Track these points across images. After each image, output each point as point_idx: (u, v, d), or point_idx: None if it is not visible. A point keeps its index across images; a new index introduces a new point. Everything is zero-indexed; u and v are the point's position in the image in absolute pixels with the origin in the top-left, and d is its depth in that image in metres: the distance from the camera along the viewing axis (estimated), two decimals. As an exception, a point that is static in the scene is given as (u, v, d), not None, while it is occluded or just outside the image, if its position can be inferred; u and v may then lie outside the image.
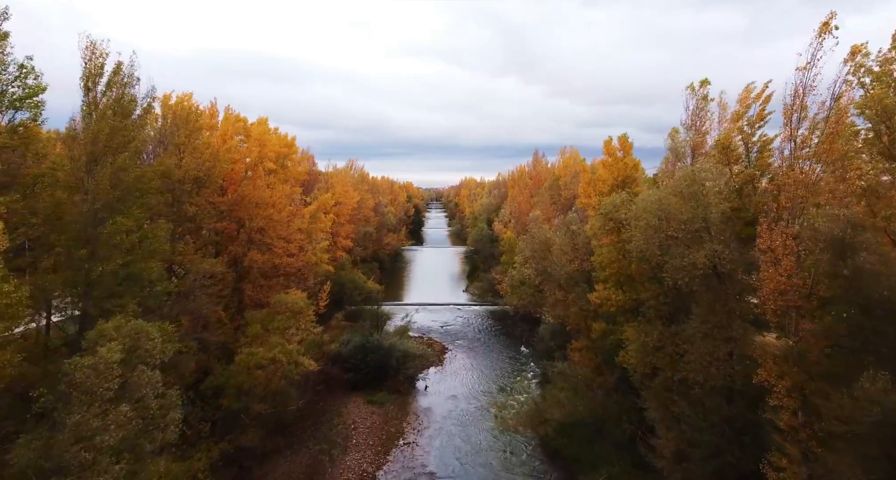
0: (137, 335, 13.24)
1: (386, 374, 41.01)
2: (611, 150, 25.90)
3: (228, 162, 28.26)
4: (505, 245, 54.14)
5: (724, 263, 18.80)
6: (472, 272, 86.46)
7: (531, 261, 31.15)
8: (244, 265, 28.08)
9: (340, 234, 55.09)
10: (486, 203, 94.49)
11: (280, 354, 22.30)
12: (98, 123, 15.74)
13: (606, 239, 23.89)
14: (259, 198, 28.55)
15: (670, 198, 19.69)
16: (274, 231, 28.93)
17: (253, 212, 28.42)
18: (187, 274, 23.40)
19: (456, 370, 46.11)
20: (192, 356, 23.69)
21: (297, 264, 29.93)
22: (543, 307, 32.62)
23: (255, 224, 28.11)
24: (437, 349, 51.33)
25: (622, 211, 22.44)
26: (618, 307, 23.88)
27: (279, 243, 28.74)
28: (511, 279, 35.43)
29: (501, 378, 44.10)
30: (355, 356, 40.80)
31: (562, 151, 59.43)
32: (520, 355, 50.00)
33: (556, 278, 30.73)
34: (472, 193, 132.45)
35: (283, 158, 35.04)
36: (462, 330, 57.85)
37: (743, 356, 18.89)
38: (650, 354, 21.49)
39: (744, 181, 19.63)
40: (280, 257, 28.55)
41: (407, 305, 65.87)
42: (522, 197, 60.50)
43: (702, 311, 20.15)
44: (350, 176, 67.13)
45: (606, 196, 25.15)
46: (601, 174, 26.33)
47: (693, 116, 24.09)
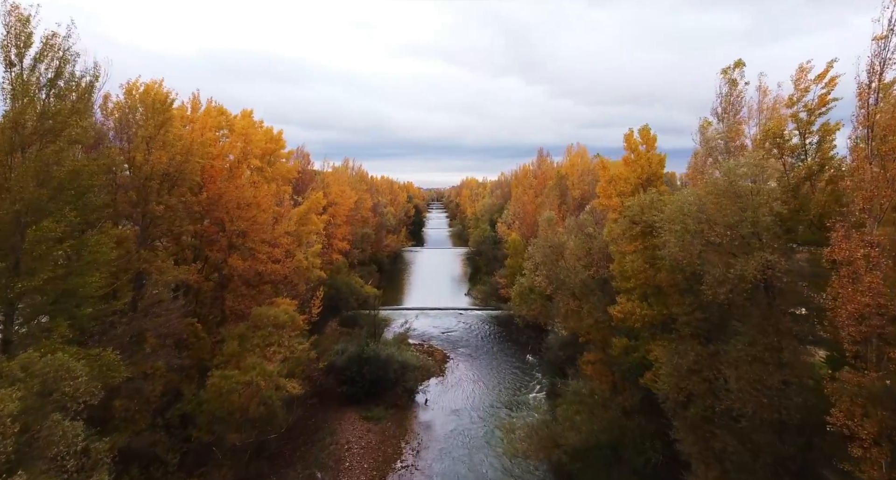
0: (56, 374, 10.20)
1: (383, 387, 37.92)
2: (632, 144, 22.76)
3: (206, 157, 25.22)
4: (509, 248, 51.04)
5: (778, 275, 15.72)
6: (474, 275, 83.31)
7: (542, 267, 28.03)
8: (223, 273, 25.04)
9: (336, 236, 52.00)
10: (489, 204, 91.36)
11: (258, 377, 19.25)
12: (23, 105, 12.70)
13: (631, 245, 20.80)
14: (241, 198, 25.48)
15: (711, 198, 16.60)
16: (257, 235, 25.87)
17: (234, 213, 25.36)
18: (153, 285, 20.34)
19: (458, 381, 43.00)
20: (159, 377, 20.64)
21: (284, 271, 26.85)
22: (555, 318, 29.47)
23: (237, 227, 25.06)
24: (438, 358, 48.23)
25: (651, 213, 19.35)
26: (643, 323, 20.80)
27: (263, 248, 25.69)
28: (519, 287, 32.30)
29: (507, 391, 40.98)
30: (350, 368, 37.71)
31: (568, 148, 56.31)
32: (526, 364, 46.86)
33: (570, 287, 27.61)
34: (473, 193, 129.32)
35: (269, 154, 31.95)
36: (464, 337, 54.73)
37: (802, 386, 15.81)
38: (685, 378, 18.39)
39: (801, 177, 16.53)
40: (264, 263, 25.50)
41: (406, 309, 62.77)
42: (527, 197, 57.37)
43: (748, 330, 17.06)
44: (347, 175, 64.01)
45: (629, 197, 22.06)
46: (622, 172, 23.23)
47: (726, 104, 20.95)
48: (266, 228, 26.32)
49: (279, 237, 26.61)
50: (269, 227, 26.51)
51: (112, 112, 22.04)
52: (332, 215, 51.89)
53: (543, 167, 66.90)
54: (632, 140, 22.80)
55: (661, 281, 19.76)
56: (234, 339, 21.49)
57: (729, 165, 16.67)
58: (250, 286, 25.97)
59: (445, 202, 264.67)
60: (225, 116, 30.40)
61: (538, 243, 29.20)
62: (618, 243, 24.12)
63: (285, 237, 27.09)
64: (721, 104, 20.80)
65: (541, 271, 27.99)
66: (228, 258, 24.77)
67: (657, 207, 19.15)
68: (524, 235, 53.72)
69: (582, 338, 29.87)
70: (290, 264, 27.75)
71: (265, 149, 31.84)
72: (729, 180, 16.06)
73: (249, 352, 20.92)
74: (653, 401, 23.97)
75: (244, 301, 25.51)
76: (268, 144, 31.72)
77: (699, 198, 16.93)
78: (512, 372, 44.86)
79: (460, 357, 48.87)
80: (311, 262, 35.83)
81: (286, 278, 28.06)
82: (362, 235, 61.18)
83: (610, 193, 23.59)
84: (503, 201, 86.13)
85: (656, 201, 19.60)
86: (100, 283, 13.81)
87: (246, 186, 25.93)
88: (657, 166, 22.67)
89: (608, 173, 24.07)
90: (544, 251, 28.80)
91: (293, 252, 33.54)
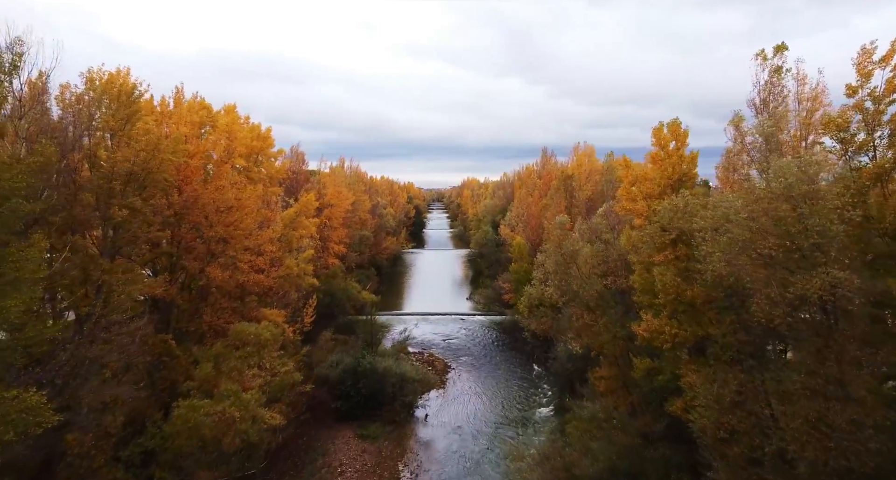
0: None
1: (380, 402, 35.21)
2: (662, 140, 19.91)
3: (182, 155, 22.51)
4: (514, 252, 48.26)
5: (848, 295, 12.99)
6: (476, 278, 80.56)
7: (553, 277, 25.29)
8: (200, 284, 22.34)
9: (332, 239, 49.27)
10: (490, 205, 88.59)
11: (232, 407, 16.54)
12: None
13: (659, 255, 18.05)
14: (221, 201, 22.76)
15: (763, 203, 13.86)
16: (239, 242, 23.15)
17: (213, 218, 22.65)
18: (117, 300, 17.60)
19: (460, 394, 40.25)
20: (121, 406, 17.91)
21: (269, 281, 24.11)
22: (567, 333, 26.70)
23: (216, 233, 22.34)
24: (439, 368, 45.46)
25: (684, 220, 16.59)
26: (673, 343, 18.04)
27: (245, 257, 22.97)
28: (528, 298, 29.52)
29: (512, 405, 38.21)
30: (345, 382, 34.99)
31: (575, 147, 53.53)
32: (531, 375, 44.10)
33: (584, 299, 24.86)
34: (474, 193, 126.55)
35: (256, 153, 29.24)
36: (466, 345, 51.96)
37: (878, 428, 13.08)
38: (727, 412, 15.65)
39: (871, 178, 13.80)
40: (246, 273, 22.79)
41: (406, 315, 60.03)
42: (532, 199, 54.61)
43: (806, 359, 14.35)
44: (343, 175, 61.21)
45: (656, 200, 19.32)
46: (649, 172, 20.40)
47: (765, 94, 18.16)
48: (250, 234, 23.60)
49: (263, 245, 23.86)
50: (253, 233, 23.78)
51: (70, 104, 19.31)
52: (328, 217, 49.17)
53: (548, 167, 64.21)
54: (661, 135, 19.96)
55: (696, 297, 17.02)
56: (208, 360, 18.78)
57: (783, 163, 13.92)
58: (231, 299, 23.25)
59: (446, 203, 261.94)
60: (207, 110, 27.68)
61: (549, 250, 26.44)
62: (638, 252, 21.35)
63: (270, 244, 24.33)
64: (759, 94, 18.03)
65: (552, 280, 25.26)
66: (206, 268, 22.05)
67: (692, 212, 16.39)
68: (529, 238, 50.98)
69: (595, 352, 27.15)
70: (277, 274, 25.01)
71: (251, 147, 29.12)
72: (787, 182, 13.31)
73: (225, 376, 18.20)
74: (679, 427, 21.22)
75: (225, 315, 22.80)
76: (254, 143, 28.99)
77: (748, 202, 14.19)
78: (517, 384, 42.10)
79: (462, 367, 46.13)
80: (302, 268, 33.11)
81: (271, 290, 25.32)
82: (360, 237, 58.45)
83: (634, 195, 20.80)
84: (505, 202, 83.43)
85: (691, 205, 16.84)
86: (23, 306, 11.12)
87: (227, 187, 23.20)
88: (689, 165, 19.84)
89: (631, 174, 21.28)
90: (556, 259, 26.03)
91: (281, 259, 30.83)
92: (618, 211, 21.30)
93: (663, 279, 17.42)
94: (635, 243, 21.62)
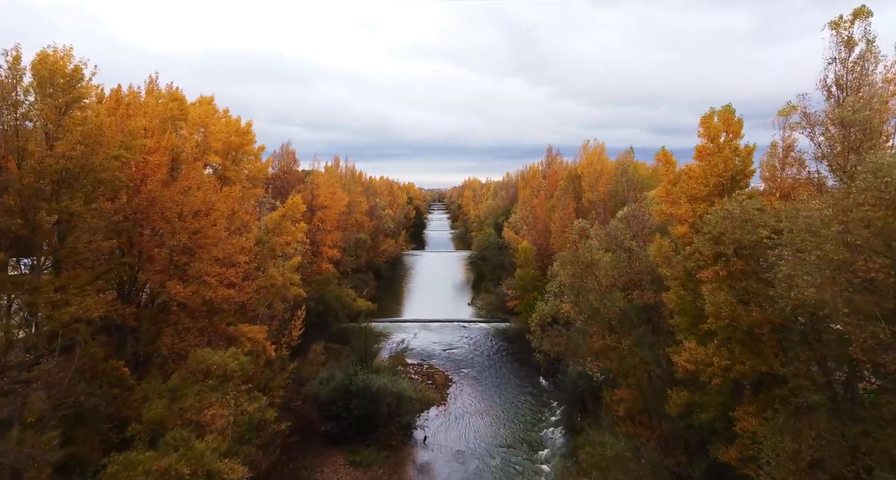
0: None
1: (374, 424, 31.71)
2: (711, 130, 16.22)
3: (140, 151, 19.05)
4: (520, 257, 44.73)
5: None
6: (478, 282, 77.05)
7: (569, 291, 21.82)
8: (160, 301, 18.89)
9: (326, 243, 45.77)
10: (493, 206, 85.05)
11: (181, 462, 13.08)
12: None
13: (707, 272, 14.56)
14: (186, 204, 19.28)
15: (864, 211, 10.39)
16: (207, 252, 19.68)
17: (177, 224, 19.17)
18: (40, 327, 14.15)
19: (462, 412, 36.73)
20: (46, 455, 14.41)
21: (241, 297, 20.63)
22: (586, 356, 23.16)
23: (178, 242, 18.87)
24: (440, 382, 41.96)
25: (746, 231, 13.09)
26: (724, 377, 14.55)
27: (214, 269, 19.50)
28: (540, 315, 25.99)
29: (518, 425, 34.68)
30: (335, 402, 31.47)
31: (584, 146, 49.98)
32: (538, 389, 40.56)
33: (605, 316, 21.36)
34: (476, 194, 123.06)
35: (235, 150, 25.78)
36: (468, 355, 48.41)
37: None
38: (806, 474, 12.17)
39: None
40: (214, 288, 19.33)
41: (405, 322, 56.51)
42: (537, 200, 51.07)
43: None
44: (338, 175, 57.62)
45: (702, 202, 15.84)
46: (694, 169, 16.79)
47: (842, 72, 14.51)
48: (219, 242, 20.12)
49: (235, 255, 20.36)
50: (223, 241, 20.30)
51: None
52: (321, 219, 45.68)
53: (554, 167, 60.70)
54: (710, 124, 16.30)
55: (757, 324, 13.54)
56: (161, 396, 15.35)
57: (889, 158, 10.45)
58: (196, 318, 19.76)
59: (447, 203, 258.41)
60: (178, 102, 24.22)
61: (564, 259, 22.95)
62: (672, 266, 17.86)
63: (244, 254, 20.81)
64: (834, 73, 14.45)
65: (568, 295, 21.80)
66: (167, 282, 18.58)
67: (755, 220, 12.91)
68: (535, 242, 47.44)
69: (616, 376, 23.64)
70: (252, 287, 21.52)
71: (229, 143, 25.63)
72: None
73: (178, 416, 14.76)
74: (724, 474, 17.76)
75: (190, 337, 19.32)
76: (232, 138, 25.51)
77: (841, 210, 10.69)
78: (523, 400, 38.57)
79: (464, 380, 42.61)
80: (287, 278, 29.63)
81: (244, 306, 21.84)
82: (356, 240, 54.95)
83: (676, 197, 17.19)
84: (508, 202, 79.97)
85: (749, 212, 13.33)
86: None
87: (193, 188, 19.72)
88: (744, 161, 16.22)
89: (672, 172, 17.71)
90: (573, 270, 22.51)
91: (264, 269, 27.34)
92: (655, 215, 17.79)
93: (715, 301, 13.91)
94: (666, 253, 18.13)
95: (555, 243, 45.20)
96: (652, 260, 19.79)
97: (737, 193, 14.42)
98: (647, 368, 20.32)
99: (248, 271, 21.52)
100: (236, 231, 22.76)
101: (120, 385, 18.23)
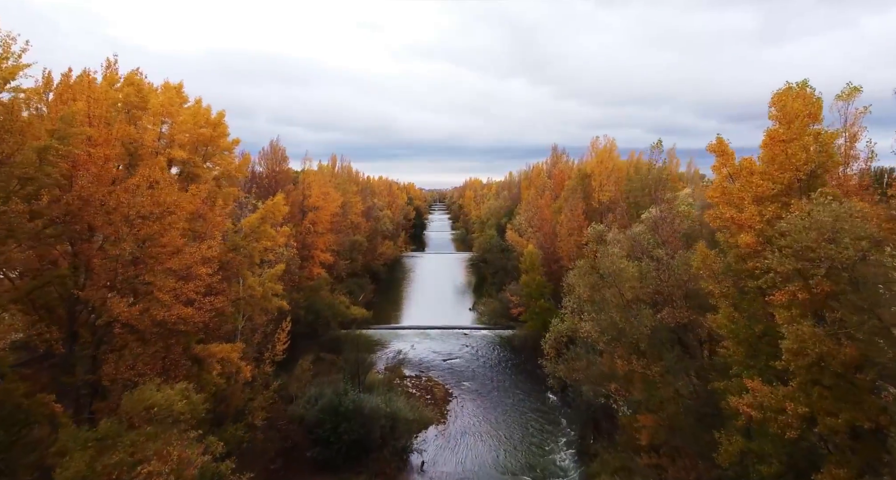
0: None
1: (366, 448, 28.34)
2: (788, 112, 12.43)
3: (79, 142, 15.72)
4: (526, 262, 41.28)
5: None
6: (480, 285, 73.64)
7: (589, 307, 18.45)
8: (99, 322, 15.55)
9: (318, 246, 42.39)
10: (495, 206, 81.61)
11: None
12: None
13: (780, 294, 11.18)
14: (133, 206, 15.93)
15: None
16: (160, 263, 16.34)
17: (123, 230, 15.83)
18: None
19: (463, 432, 33.30)
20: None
21: (201, 316, 17.24)
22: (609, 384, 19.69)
23: (123, 251, 15.54)
24: (439, 397, 38.55)
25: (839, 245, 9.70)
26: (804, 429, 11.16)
27: (168, 283, 16.17)
28: (556, 334, 22.56)
29: (525, 448, 31.20)
30: (323, 425, 28.09)
31: (593, 143, 46.52)
32: (546, 406, 37.11)
33: (632, 337, 17.97)
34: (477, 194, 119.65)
35: (206, 144, 22.44)
36: (470, 366, 44.96)
37: None
38: None
39: None
40: (169, 306, 16.00)
41: (403, 328, 53.05)
42: (543, 201, 47.65)
43: None
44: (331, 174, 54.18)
45: (772, 205, 12.45)
46: (758, 165, 13.27)
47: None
48: (177, 252, 16.74)
49: (195, 266, 16.99)
50: (185, 251, 16.91)
51: None
52: (313, 221, 42.32)
53: (559, 166, 57.31)
54: (787, 103, 12.68)
55: (855, 365, 10.17)
56: (83, 449, 12.06)
57: None
58: (147, 342, 16.41)
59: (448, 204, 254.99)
60: (135, 87, 20.86)
61: (582, 269, 19.56)
62: (718, 281, 14.48)
63: (204, 266, 17.43)
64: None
65: (588, 312, 18.44)
66: (108, 300, 15.24)
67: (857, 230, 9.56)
68: (541, 245, 44.03)
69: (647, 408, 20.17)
70: (217, 304, 18.13)
71: (198, 136, 22.25)
72: None
73: (105, 478, 11.45)
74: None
75: (139, 365, 15.98)
76: (201, 130, 22.13)
77: None
78: (529, 418, 35.12)
79: (465, 395, 39.19)
80: (268, 288, 26.32)
81: (207, 326, 18.47)
82: (351, 243, 51.56)
83: (739, 198, 13.57)
84: (511, 203, 76.59)
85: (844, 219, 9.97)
86: None
87: (143, 187, 16.36)
88: (827, 150, 12.68)
89: (730, 165, 14.11)
90: (591, 280, 19.11)
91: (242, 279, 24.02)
92: (710, 222, 14.37)
93: (798, 334, 10.53)
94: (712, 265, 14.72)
95: (562, 247, 41.83)
96: (693, 272, 16.38)
97: (818, 192, 11.06)
98: (682, 401, 16.94)
99: (212, 285, 18.12)
100: (200, 237, 19.39)
101: (53, 422, 14.95)
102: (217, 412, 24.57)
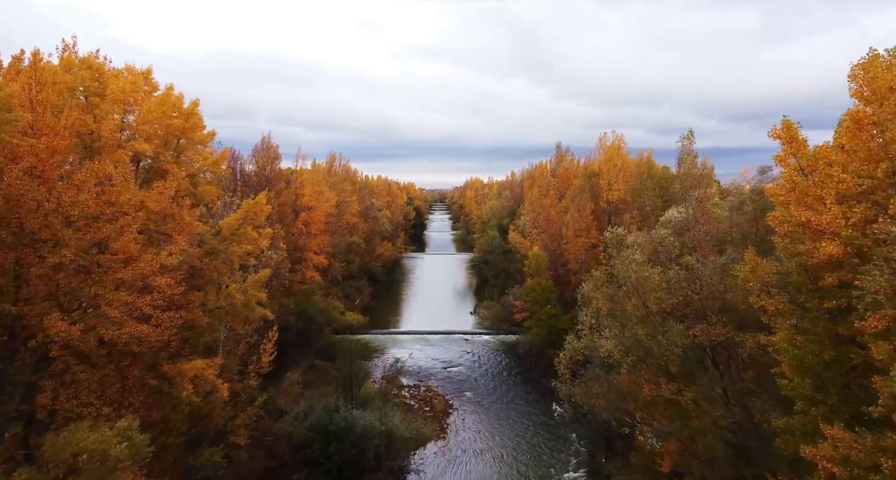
0: None
1: (359, 469, 25.80)
2: (876, 87, 9.71)
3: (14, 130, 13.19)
4: (531, 266, 38.68)
5: None
6: (481, 287, 71.02)
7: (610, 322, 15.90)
8: (32, 343, 13.00)
9: (311, 248, 39.82)
10: (496, 206, 79.01)
11: None
12: None
13: (873, 318, 8.62)
14: (75, 206, 13.39)
15: None
16: (109, 273, 13.80)
17: (64, 234, 13.28)
18: None
19: (464, 449, 30.72)
20: None
21: (159, 335, 14.66)
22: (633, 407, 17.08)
23: (64, 259, 13.00)
24: (439, 409, 35.98)
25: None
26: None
27: (120, 297, 13.63)
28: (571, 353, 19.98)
29: (530, 467, 28.61)
30: (313, 445, 25.56)
31: (600, 139, 43.89)
32: (553, 420, 34.49)
33: (660, 357, 15.39)
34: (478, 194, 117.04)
35: (178, 136, 19.87)
36: (471, 374, 42.36)
37: None
38: None
39: None
40: (120, 323, 13.45)
41: (402, 333, 50.43)
42: (548, 201, 45.05)
43: None
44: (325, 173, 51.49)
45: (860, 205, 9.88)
46: (838, 156, 10.51)
47: None
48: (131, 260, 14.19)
49: (153, 276, 14.42)
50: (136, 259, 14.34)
51: None
52: (306, 222, 39.77)
53: (564, 164, 54.72)
54: (875, 75, 9.88)
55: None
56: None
57: None
58: (96, 366, 13.86)
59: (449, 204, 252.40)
60: (93, 71, 18.30)
61: (599, 279, 16.98)
62: (773, 297, 11.91)
63: (165, 276, 14.85)
64: None
65: (609, 328, 15.89)
66: (46, 318, 12.70)
67: None
68: (546, 247, 41.43)
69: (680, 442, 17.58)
70: (178, 321, 15.55)
71: (169, 127, 19.67)
72: None
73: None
74: None
75: (83, 393, 13.44)
76: (172, 121, 19.55)
77: None
78: (535, 433, 32.50)
79: (467, 406, 36.62)
80: (251, 296, 23.75)
81: (168, 346, 15.88)
82: (348, 244, 48.98)
83: (816, 196, 10.86)
84: (513, 203, 73.98)
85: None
86: None
87: (90, 183, 13.82)
88: None
89: (803, 153, 11.34)
90: (611, 291, 16.50)
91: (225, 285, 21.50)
92: (775, 227, 11.72)
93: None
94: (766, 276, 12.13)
95: (569, 249, 39.25)
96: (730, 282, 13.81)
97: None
98: (720, 432, 14.37)
99: (174, 297, 15.54)
100: (168, 241, 16.83)
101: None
102: (193, 433, 22.10)
